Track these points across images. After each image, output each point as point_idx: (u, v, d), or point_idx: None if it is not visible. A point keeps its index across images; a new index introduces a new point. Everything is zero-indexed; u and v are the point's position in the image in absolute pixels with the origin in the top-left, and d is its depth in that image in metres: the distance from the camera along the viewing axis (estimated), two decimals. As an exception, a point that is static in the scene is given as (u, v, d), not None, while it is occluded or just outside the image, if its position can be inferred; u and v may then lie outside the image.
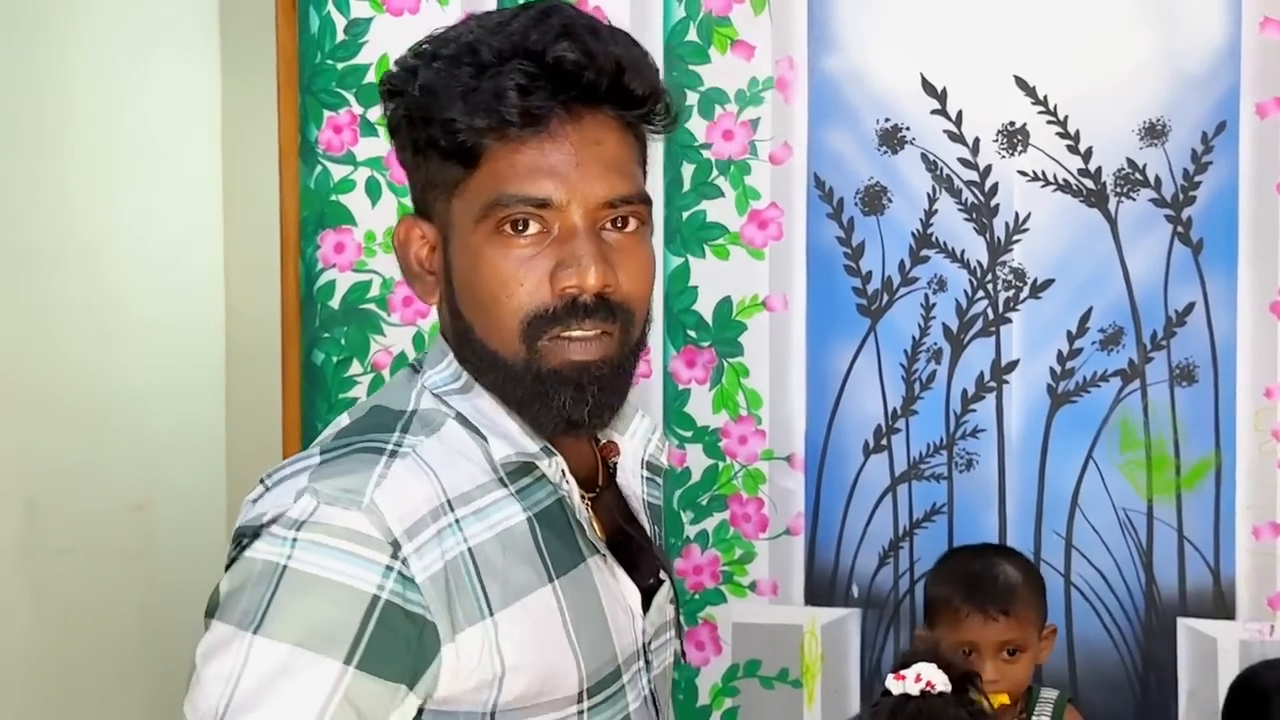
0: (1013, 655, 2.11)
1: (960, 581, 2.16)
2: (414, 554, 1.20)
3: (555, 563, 1.28)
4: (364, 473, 1.22)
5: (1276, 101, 2.39)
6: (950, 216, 2.47)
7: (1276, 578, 2.41)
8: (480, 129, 1.23)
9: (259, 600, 1.18)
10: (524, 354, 1.26)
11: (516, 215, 1.25)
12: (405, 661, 1.19)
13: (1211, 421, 2.43)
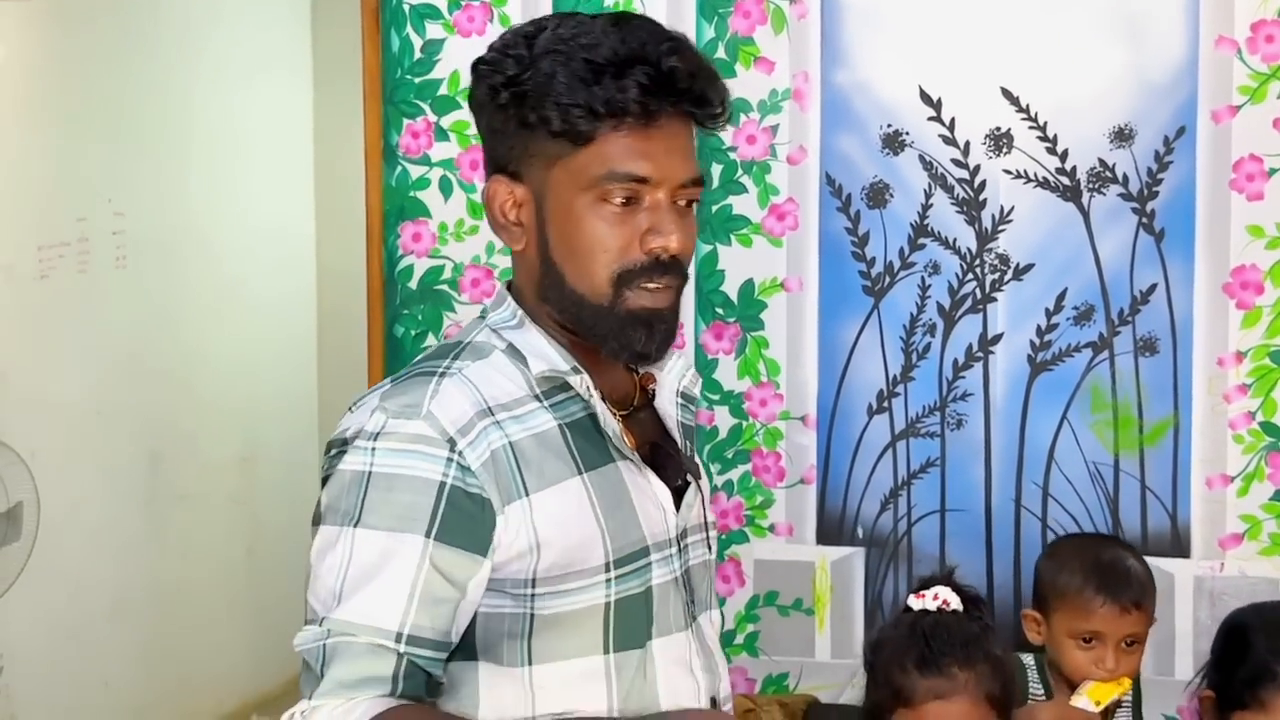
0: (1131, 646, 2.03)
1: (1094, 572, 2.03)
2: (467, 447, 1.31)
3: (584, 460, 1.38)
4: (420, 390, 1.34)
5: (1229, 109, 2.39)
6: (944, 210, 2.48)
7: (1226, 522, 2.41)
8: (600, 115, 1.33)
9: (354, 502, 1.31)
10: (610, 298, 1.37)
11: (621, 190, 1.35)
12: (474, 533, 1.31)
13: (1170, 387, 2.43)
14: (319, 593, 1.32)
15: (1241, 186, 2.39)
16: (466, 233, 2.59)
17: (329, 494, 1.35)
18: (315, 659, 1.28)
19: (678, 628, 1.43)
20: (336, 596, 1.30)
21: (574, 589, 1.34)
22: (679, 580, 1.45)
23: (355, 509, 1.31)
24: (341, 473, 1.34)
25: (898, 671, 1.77)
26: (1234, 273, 2.40)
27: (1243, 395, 2.40)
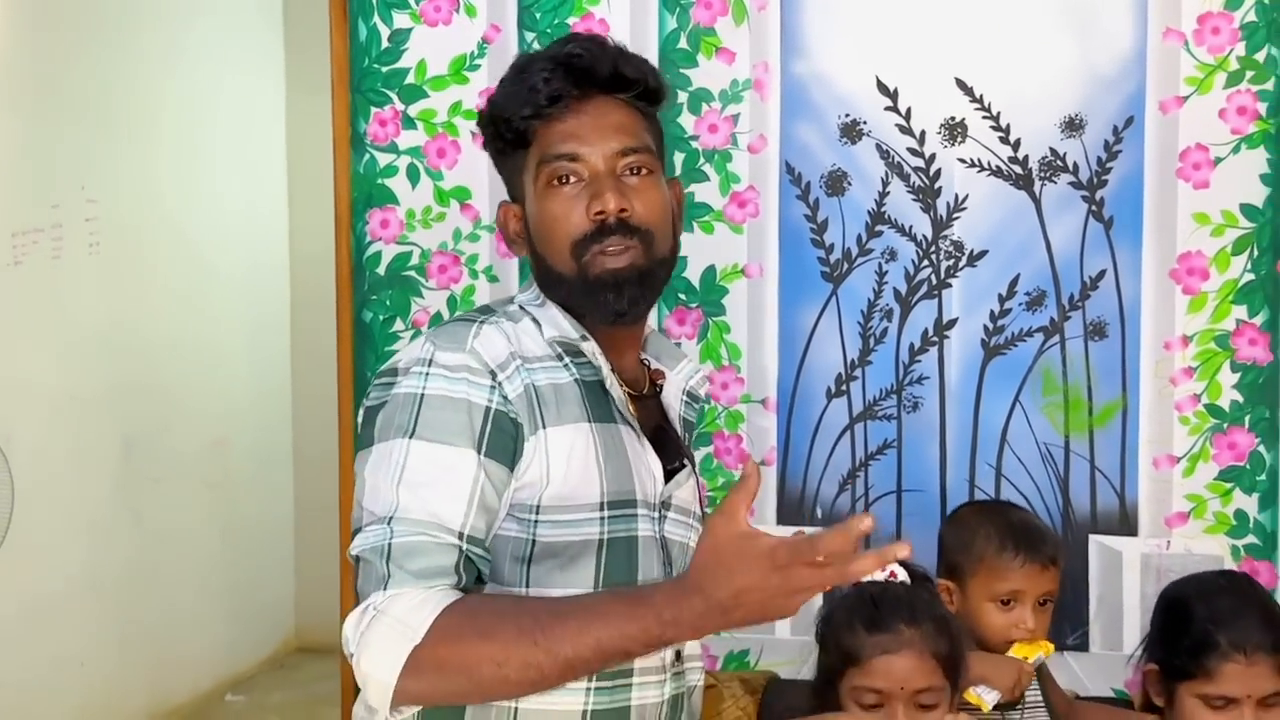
0: (1044, 605, 2.04)
1: (1009, 533, 2.06)
2: (505, 380, 1.45)
3: (593, 413, 1.50)
4: (464, 331, 1.49)
5: (1176, 100, 2.40)
6: (900, 197, 2.48)
7: (1172, 501, 2.43)
8: (526, 116, 1.52)
9: (409, 418, 1.42)
10: (574, 268, 1.52)
11: (557, 170, 1.52)
12: (510, 451, 1.43)
13: (1119, 370, 2.44)
14: (376, 498, 1.40)
15: (1188, 175, 2.40)
16: (434, 219, 2.58)
17: (384, 414, 1.44)
18: (380, 556, 1.36)
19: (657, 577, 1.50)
20: (396, 499, 1.38)
21: (572, 520, 1.45)
22: (658, 540, 1.53)
23: (410, 423, 1.41)
24: (396, 395, 1.44)
25: (847, 634, 1.80)
26: (1180, 259, 2.41)
27: (1188, 378, 2.41)
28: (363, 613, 1.34)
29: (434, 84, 2.57)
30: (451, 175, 2.57)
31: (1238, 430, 2.40)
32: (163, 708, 4.80)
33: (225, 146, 5.10)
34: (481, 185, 2.56)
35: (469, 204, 2.57)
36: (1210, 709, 1.97)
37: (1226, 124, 2.38)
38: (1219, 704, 1.97)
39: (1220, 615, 2.01)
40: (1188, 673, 1.98)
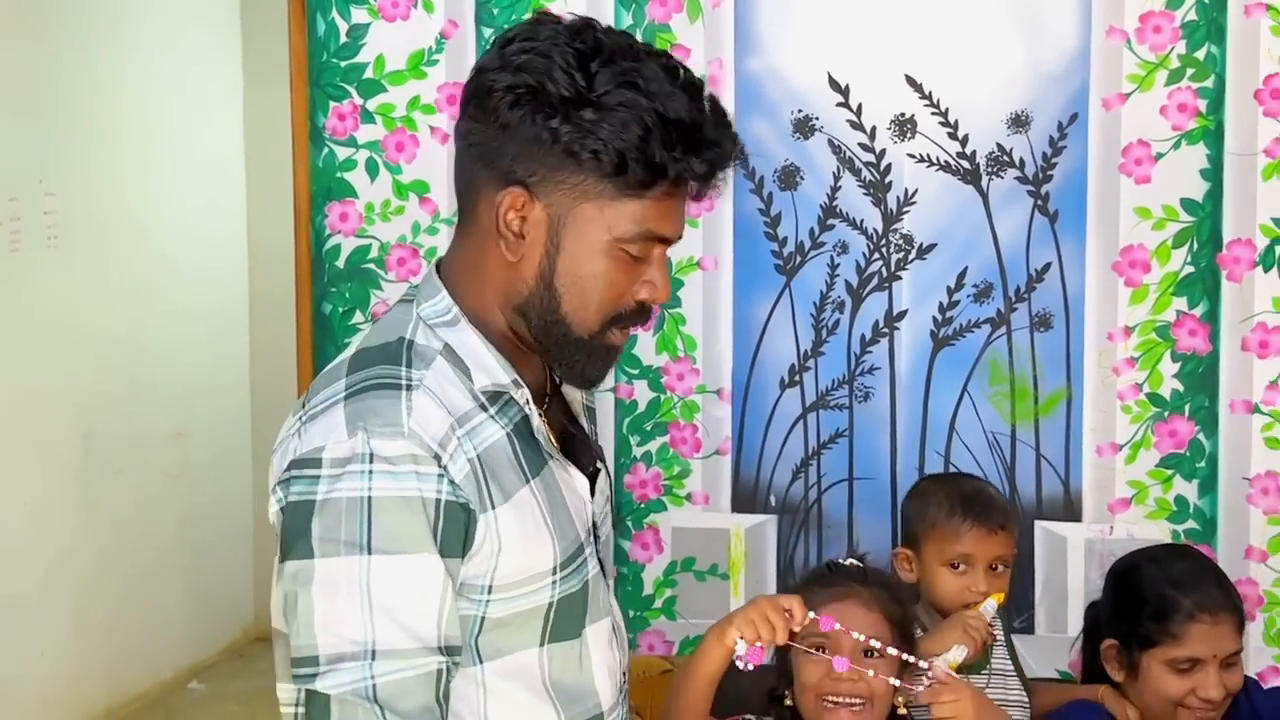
0: (997, 570, 2.04)
1: (960, 500, 2.06)
2: (450, 461, 1.25)
3: (530, 468, 1.34)
4: (391, 407, 1.26)
5: (1119, 96, 2.41)
6: (852, 192, 2.48)
7: (1115, 487, 2.44)
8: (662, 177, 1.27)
9: (360, 530, 1.22)
10: (594, 333, 1.33)
11: (649, 249, 1.32)
12: (461, 540, 1.26)
13: (1064, 360, 2.45)
14: (342, 627, 1.22)
15: (1130, 170, 2.41)
16: (393, 213, 2.55)
17: (322, 523, 1.23)
18: (367, 699, 1.21)
19: (605, 611, 1.42)
20: (371, 629, 1.21)
21: (526, 592, 1.32)
22: (599, 566, 1.44)
23: (363, 537, 1.22)
24: (334, 500, 1.23)
25: (802, 587, 1.80)
26: (1123, 252, 2.42)
27: (1131, 368, 2.43)
28: None
29: (392, 79, 2.54)
30: (410, 169, 2.54)
31: (1178, 419, 2.42)
32: (123, 696, 4.75)
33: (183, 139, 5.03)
34: (440, 179, 2.54)
35: (427, 198, 2.55)
36: (1177, 673, 1.97)
37: (1168, 120, 2.39)
38: (1185, 666, 1.96)
39: (1180, 579, 2.01)
40: (1152, 640, 1.97)
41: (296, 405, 1.34)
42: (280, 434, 1.33)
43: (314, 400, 1.31)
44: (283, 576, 1.27)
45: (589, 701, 1.37)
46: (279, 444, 1.32)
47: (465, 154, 1.35)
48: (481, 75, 1.31)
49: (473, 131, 1.32)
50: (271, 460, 1.33)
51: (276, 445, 1.33)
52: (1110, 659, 2.06)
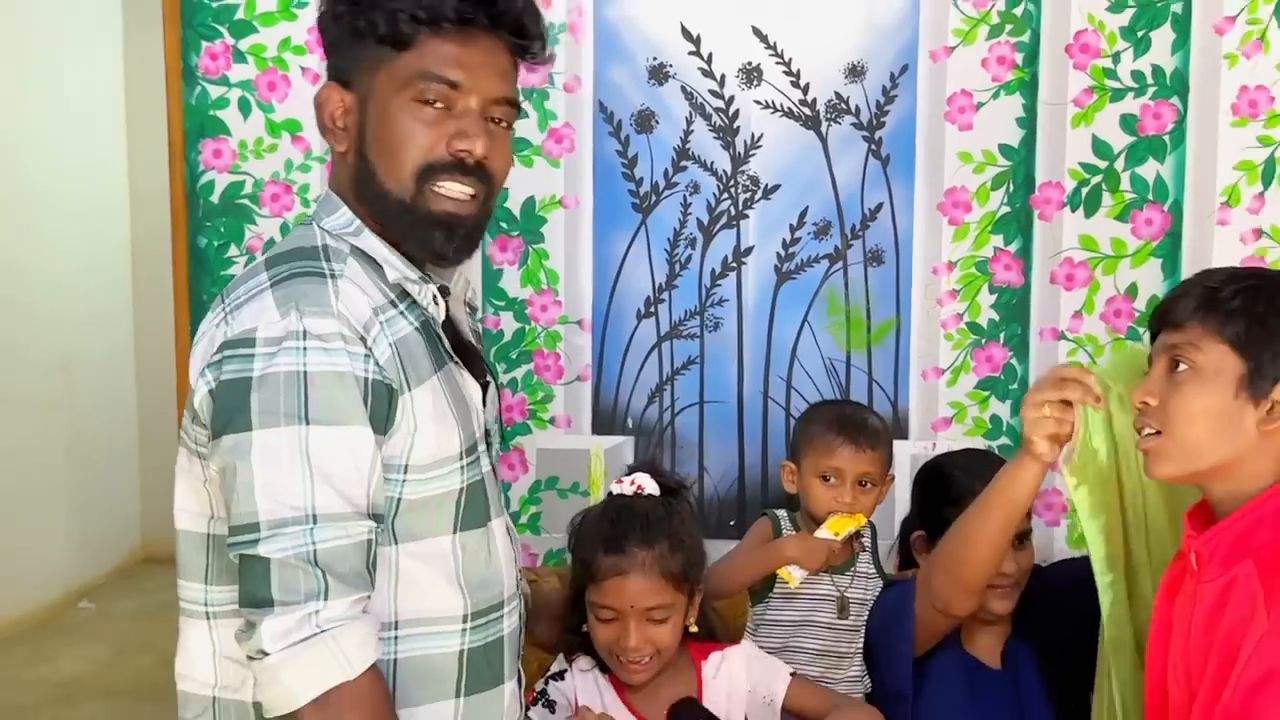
0: (865, 486, 2.06)
1: (836, 421, 2.08)
2: (374, 344, 1.27)
3: (435, 361, 1.34)
4: (319, 290, 1.26)
5: (945, 49, 2.42)
6: (703, 136, 2.46)
7: (938, 408, 2.49)
8: (420, 20, 1.29)
9: (297, 401, 1.22)
10: (412, 193, 1.33)
11: (433, 90, 1.31)
12: (384, 418, 1.27)
13: (893, 292, 2.48)
14: (277, 493, 1.21)
15: (954, 118, 2.44)
16: (266, 150, 2.46)
17: (261, 396, 1.22)
18: (308, 562, 1.20)
19: (502, 510, 1.43)
20: (310, 495, 1.21)
21: (437, 475, 1.32)
22: (492, 468, 1.44)
23: (300, 407, 1.21)
24: (272, 374, 1.22)
25: (588, 551, 1.74)
26: (947, 193, 2.45)
27: (953, 300, 2.47)
28: (304, 619, 1.19)
29: (263, 20, 2.44)
30: (282, 108, 2.46)
31: (994, 345, 2.47)
32: (9, 616, 4.62)
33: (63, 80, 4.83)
34: (311, 118, 2.42)
35: (300, 136, 2.46)
36: None
37: (988, 72, 2.42)
38: None
39: (977, 473, 2.04)
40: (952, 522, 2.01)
41: (216, 304, 1.33)
42: (201, 331, 1.32)
43: (235, 294, 1.30)
44: (215, 454, 1.25)
45: (494, 589, 1.37)
46: (201, 336, 1.31)
47: None
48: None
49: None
50: (194, 351, 1.31)
51: (198, 339, 1.31)
52: (919, 548, 2.10)
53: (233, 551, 1.23)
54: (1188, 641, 1.36)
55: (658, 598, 1.71)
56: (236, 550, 1.23)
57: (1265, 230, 2.39)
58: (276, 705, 1.22)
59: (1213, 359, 1.35)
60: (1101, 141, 2.41)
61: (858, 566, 2.10)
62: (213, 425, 1.25)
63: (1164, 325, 1.40)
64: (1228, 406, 1.34)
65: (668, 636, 1.72)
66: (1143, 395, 1.39)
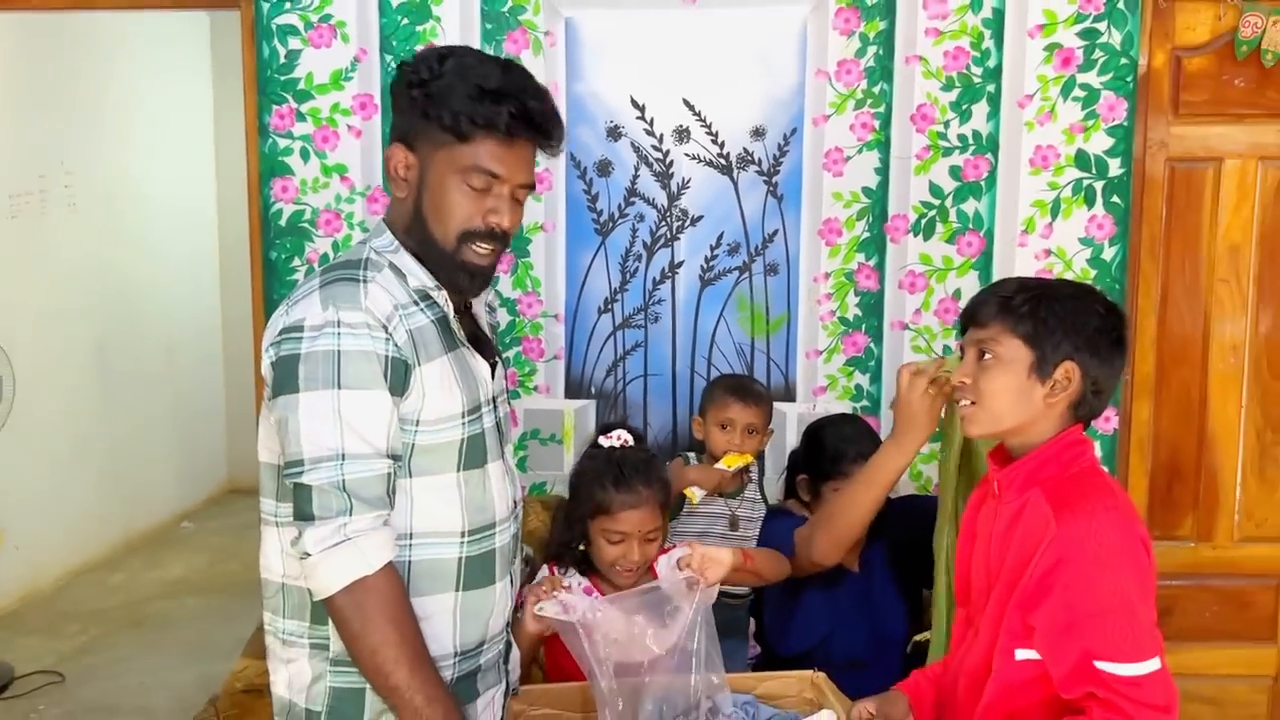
0: (751, 434, 2.07)
1: (731, 386, 2.13)
2: (393, 331, 1.25)
3: (446, 345, 1.32)
4: (354, 290, 1.26)
5: (823, 117, 2.41)
6: (647, 179, 2.43)
7: (817, 379, 2.48)
8: (478, 125, 1.27)
9: (333, 372, 1.22)
10: (453, 248, 1.31)
11: (481, 180, 1.29)
12: (402, 385, 1.26)
13: (785, 295, 2.46)
14: (320, 439, 1.22)
15: (830, 168, 2.42)
16: (320, 187, 2.40)
17: (305, 368, 1.23)
18: (338, 488, 1.21)
19: (498, 456, 1.40)
20: (341, 440, 1.22)
21: (443, 429, 1.30)
22: (497, 426, 1.42)
23: (335, 376, 1.22)
24: (313, 352, 1.23)
25: (598, 489, 1.69)
26: (824, 223, 2.44)
27: (828, 301, 2.46)
28: (336, 530, 1.20)
29: (319, 90, 2.37)
30: (333, 156, 2.39)
31: (858, 334, 2.47)
32: (134, 532, 4.55)
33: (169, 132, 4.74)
34: (355, 163, 2.40)
35: (346, 177, 2.40)
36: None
37: (854, 134, 2.41)
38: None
39: (847, 436, 2.04)
40: (828, 474, 2.00)
41: (282, 303, 1.32)
42: (272, 320, 1.32)
43: (295, 294, 1.31)
44: (275, 409, 1.26)
45: (487, 512, 1.35)
46: (271, 324, 1.31)
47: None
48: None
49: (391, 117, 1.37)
50: (265, 336, 1.31)
51: (270, 325, 1.31)
52: (803, 488, 2.09)
53: (287, 480, 1.24)
54: (989, 546, 1.35)
55: (654, 522, 1.69)
56: (289, 479, 1.24)
57: (1052, 250, 2.40)
58: (318, 592, 1.24)
59: (1009, 350, 1.34)
60: (936, 185, 2.41)
61: (745, 493, 2.12)
62: (272, 388, 1.27)
63: (971, 324, 1.39)
64: (1022, 385, 1.33)
65: (655, 550, 1.69)
66: (960, 377, 1.38)
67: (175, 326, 4.86)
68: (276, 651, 1.34)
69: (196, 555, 4.48)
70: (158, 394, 4.76)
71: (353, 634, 1.21)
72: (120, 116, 4.39)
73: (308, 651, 1.30)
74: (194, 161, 5.00)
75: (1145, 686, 1.21)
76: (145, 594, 4.03)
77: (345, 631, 1.22)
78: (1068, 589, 1.23)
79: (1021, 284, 1.38)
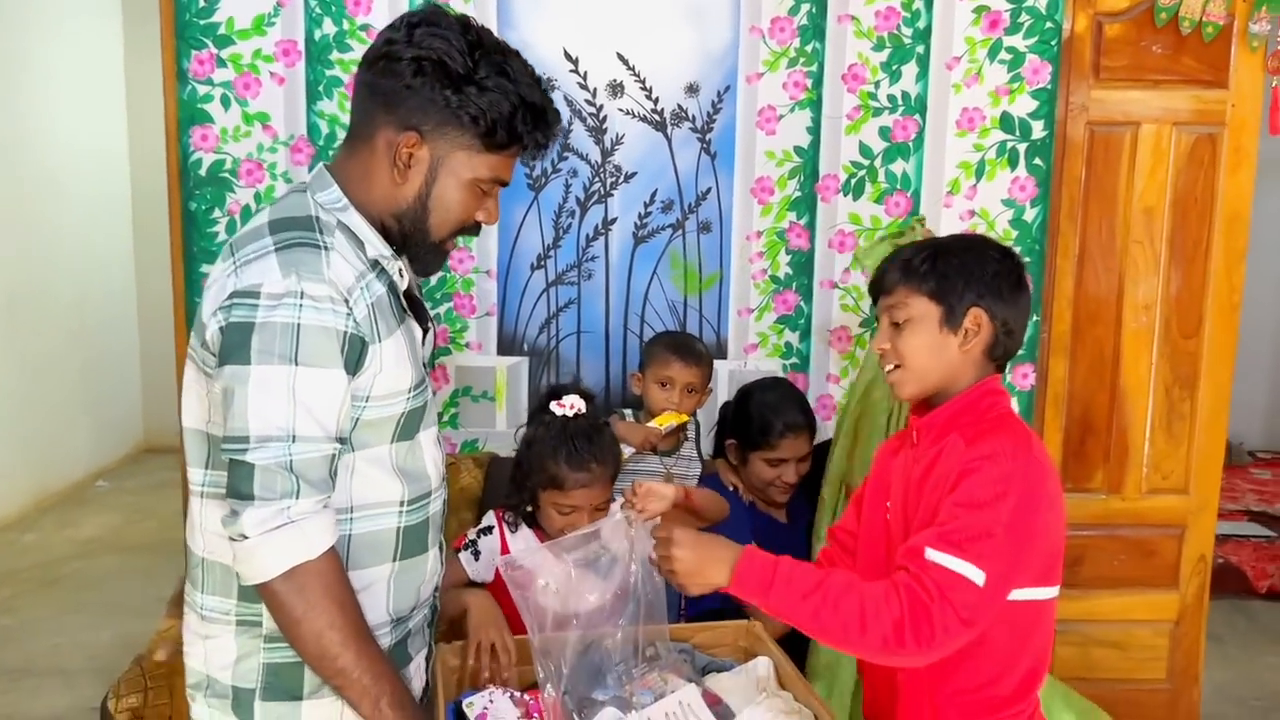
0: (690, 393, 2.06)
1: (672, 344, 2.12)
2: (354, 304, 1.20)
3: (397, 316, 1.28)
4: (315, 260, 1.19)
5: (757, 75, 2.41)
6: (580, 134, 2.41)
7: (747, 337, 2.51)
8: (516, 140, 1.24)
9: (290, 347, 1.16)
10: (442, 240, 1.29)
11: (493, 189, 1.28)
12: (356, 363, 1.21)
13: (718, 253, 2.48)
14: (266, 416, 1.15)
15: (763, 126, 2.43)
16: (242, 136, 2.32)
17: (261, 338, 1.15)
18: (285, 469, 1.16)
19: (431, 423, 1.38)
20: (293, 419, 1.16)
21: (389, 403, 1.26)
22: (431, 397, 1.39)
23: (292, 352, 1.15)
24: (271, 323, 1.16)
25: (552, 464, 1.68)
26: (757, 181, 2.45)
27: (760, 259, 2.49)
28: (279, 512, 1.15)
29: (240, 35, 2.29)
30: (255, 104, 2.32)
31: (789, 292, 2.50)
32: (47, 491, 4.40)
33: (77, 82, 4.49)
34: (278, 113, 2.32)
35: (269, 126, 2.33)
36: (769, 466, 2.08)
37: (787, 93, 2.42)
38: (775, 463, 2.07)
39: (772, 405, 2.09)
40: (756, 444, 2.06)
41: (226, 254, 1.24)
42: (213, 276, 1.24)
43: (243, 253, 1.21)
44: (220, 378, 1.19)
45: (423, 481, 1.33)
46: (212, 283, 1.23)
47: (370, 98, 1.26)
48: (392, 45, 1.23)
49: (378, 84, 1.25)
50: (208, 294, 1.23)
51: (210, 285, 1.23)
52: (732, 451, 2.14)
53: (225, 455, 1.18)
54: (906, 489, 1.39)
55: (605, 495, 1.70)
56: (227, 454, 1.18)
57: (976, 211, 2.47)
58: (252, 577, 1.18)
59: (918, 309, 1.38)
60: (865, 145, 2.44)
61: (681, 451, 2.13)
62: (219, 355, 1.19)
63: (880, 293, 1.42)
64: (936, 340, 1.37)
65: (603, 516, 1.68)
66: (879, 345, 1.42)
67: (87, 279, 4.69)
68: (194, 626, 1.30)
69: (112, 514, 4.37)
70: (69, 349, 4.60)
71: (293, 619, 1.18)
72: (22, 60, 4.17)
73: (233, 629, 1.26)
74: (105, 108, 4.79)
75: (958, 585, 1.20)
76: (59, 554, 3.93)
77: (284, 617, 1.18)
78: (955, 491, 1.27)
79: (918, 246, 1.42)
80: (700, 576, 1.29)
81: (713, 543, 1.31)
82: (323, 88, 2.32)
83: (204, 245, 2.32)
